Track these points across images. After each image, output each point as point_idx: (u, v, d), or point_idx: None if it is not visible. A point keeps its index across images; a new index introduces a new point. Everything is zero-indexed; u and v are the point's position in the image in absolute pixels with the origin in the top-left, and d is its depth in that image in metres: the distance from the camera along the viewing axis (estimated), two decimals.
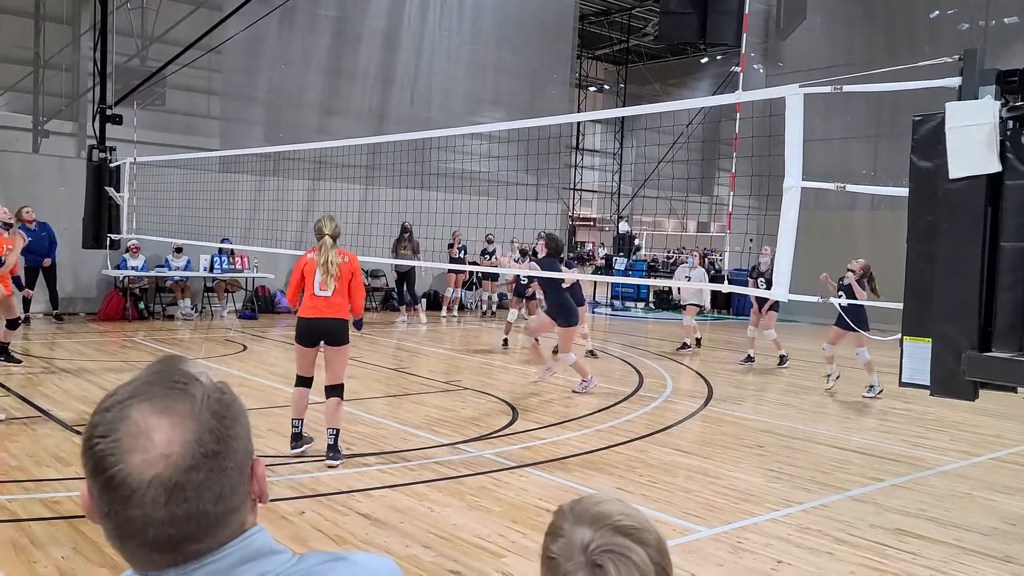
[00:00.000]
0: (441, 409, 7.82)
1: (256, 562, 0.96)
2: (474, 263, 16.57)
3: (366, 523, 4.62)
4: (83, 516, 4.39)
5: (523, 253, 14.21)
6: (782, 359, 11.60)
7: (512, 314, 13.16)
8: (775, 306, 11.49)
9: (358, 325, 6.32)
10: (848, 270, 9.66)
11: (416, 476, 5.59)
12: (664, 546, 1.13)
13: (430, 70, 18.20)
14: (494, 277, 17.33)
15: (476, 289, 18.18)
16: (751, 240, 15.55)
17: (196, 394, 0.94)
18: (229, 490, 0.94)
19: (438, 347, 12.63)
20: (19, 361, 8.93)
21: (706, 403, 8.74)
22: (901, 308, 3.32)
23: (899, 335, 3.31)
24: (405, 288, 15.41)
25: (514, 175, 16.20)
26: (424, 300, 17.81)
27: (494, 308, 17.47)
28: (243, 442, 0.97)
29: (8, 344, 8.82)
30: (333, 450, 5.74)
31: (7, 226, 8.30)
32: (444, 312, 16.79)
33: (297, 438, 5.93)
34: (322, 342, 5.86)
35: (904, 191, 3.36)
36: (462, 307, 17.69)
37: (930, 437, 7.54)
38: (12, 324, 8.68)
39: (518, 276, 12.96)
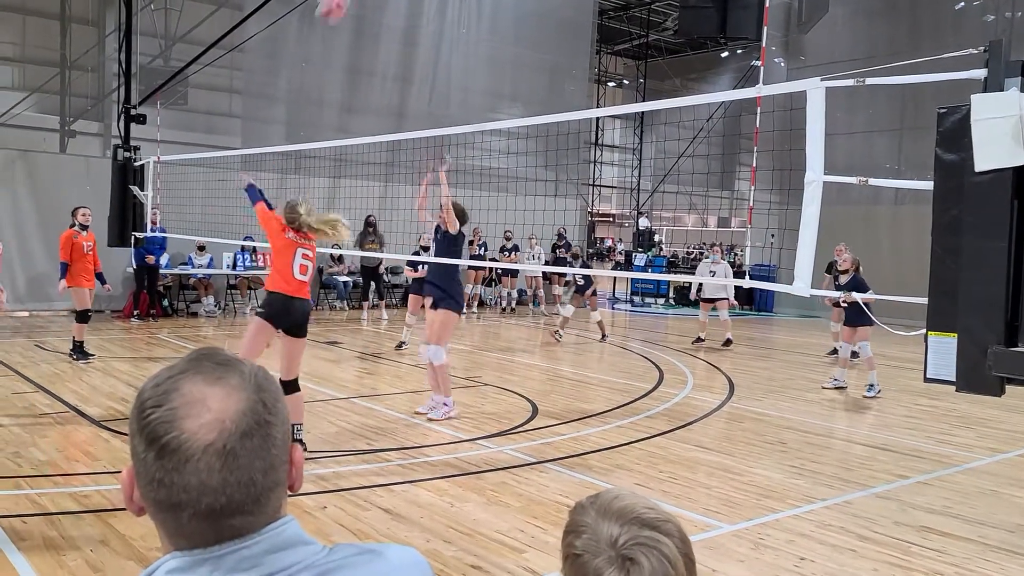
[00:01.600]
0: (461, 405, 7.84)
1: (289, 551, 0.97)
2: (493, 259, 16.61)
3: (387, 518, 4.65)
4: (112, 510, 4.46)
5: (575, 256, 14.18)
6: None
7: (569, 310, 13.02)
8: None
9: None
10: (841, 270, 9.57)
11: (436, 471, 5.62)
12: (686, 536, 1.14)
13: (448, 67, 18.23)
14: (513, 273, 17.35)
15: (496, 285, 18.21)
16: (772, 235, 15.43)
17: (244, 369, 0.98)
18: (276, 463, 0.96)
19: (457, 343, 12.66)
20: (93, 355, 9.41)
21: (727, 399, 8.70)
22: (926, 303, 3.29)
23: (924, 330, 3.28)
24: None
25: (533, 171, 16.20)
26: None
27: (513, 304, 17.49)
28: (286, 422, 1.00)
29: (83, 342, 9.30)
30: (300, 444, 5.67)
31: (84, 227, 9.37)
32: (464, 308, 16.81)
33: None
34: (281, 331, 5.65)
35: (928, 185, 3.32)
36: (482, 303, 17.72)
37: (956, 433, 7.46)
38: (82, 317, 9.22)
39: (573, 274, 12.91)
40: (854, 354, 11.05)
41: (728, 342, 12.69)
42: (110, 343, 10.99)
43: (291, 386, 5.64)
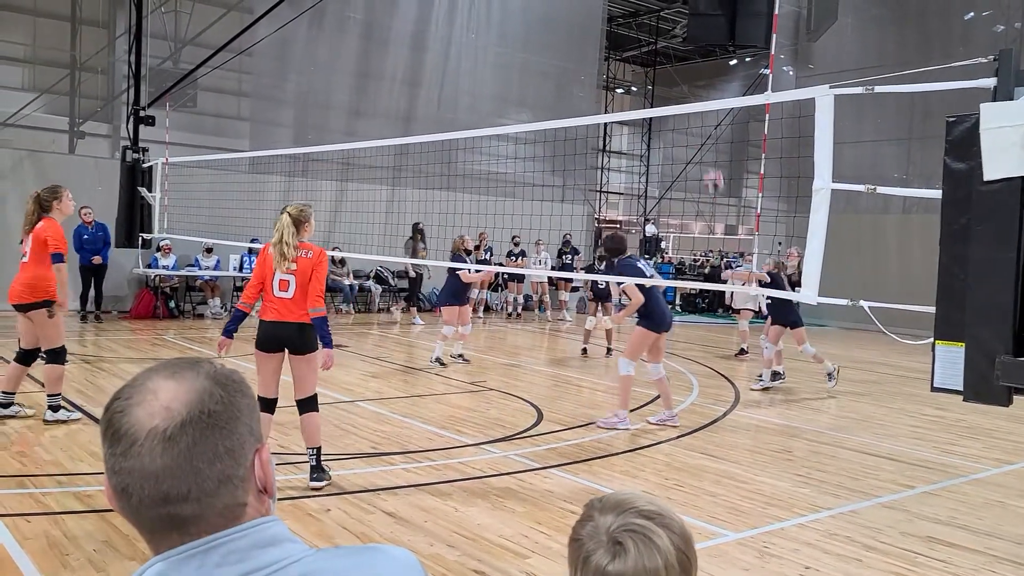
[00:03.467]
0: (466, 410, 7.83)
1: (276, 547, 0.97)
2: (499, 264, 16.61)
3: (391, 521, 4.65)
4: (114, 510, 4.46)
5: (600, 259, 14.01)
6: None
7: (590, 321, 12.65)
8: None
9: (326, 342, 5.20)
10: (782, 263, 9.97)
11: (441, 476, 5.61)
12: (689, 537, 1.14)
13: (457, 72, 18.27)
14: (519, 279, 17.35)
15: (502, 291, 18.21)
16: (780, 243, 15.41)
17: (204, 367, 1.01)
18: (225, 455, 0.96)
19: (463, 348, 12.64)
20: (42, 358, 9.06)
21: (733, 407, 8.67)
22: (933, 312, 3.27)
23: (931, 339, 3.27)
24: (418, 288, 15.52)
25: (540, 177, 16.21)
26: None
27: (519, 310, 17.49)
28: (246, 417, 1.00)
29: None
30: (316, 471, 5.19)
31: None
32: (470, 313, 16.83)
33: None
34: (286, 351, 5.20)
35: (937, 193, 3.31)
36: (488, 308, 17.72)
37: (963, 444, 7.42)
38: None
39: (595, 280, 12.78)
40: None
41: (742, 352, 12.66)
42: (116, 344, 11.01)
43: (305, 405, 5.26)
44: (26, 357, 6.60)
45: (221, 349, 5.26)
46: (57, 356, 6.48)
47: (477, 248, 16.16)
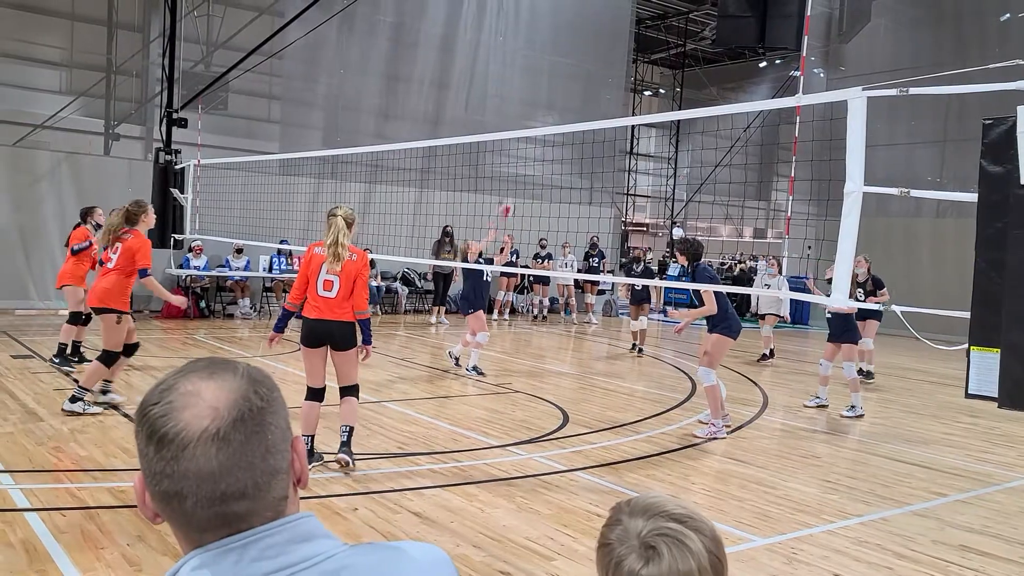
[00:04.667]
0: (491, 411, 7.85)
1: (311, 542, 0.99)
2: (526, 267, 16.62)
3: (417, 521, 4.67)
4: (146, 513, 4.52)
5: (636, 260, 13.89)
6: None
7: (635, 324, 12.73)
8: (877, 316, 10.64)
9: (366, 339, 5.61)
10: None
11: (466, 477, 5.63)
12: (720, 540, 1.14)
13: (485, 75, 18.32)
14: (545, 281, 17.35)
15: (527, 293, 18.22)
16: (810, 246, 15.25)
17: (238, 366, 1.02)
18: (272, 449, 0.99)
19: (488, 350, 12.68)
20: (89, 360, 9.18)
21: (761, 412, 8.60)
22: (968, 317, 3.23)
23: (966, 345, 3.22)
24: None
25: (567, 180, 16.20)
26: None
27: (545, 312, 17.48)
28: (283, 412, 1.03)
29: (67, 345, 8.94)
30: (346, 447, 5.58)
31: (99, 227, 8.76)
32: (496, 315, 16.87)
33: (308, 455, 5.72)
34: (328, 346, 5.57)
35: (972, 197, 3.27)
36: (513, 311, 17.74)
37: (997, 452, 7.29)
38: (74, 319, 8.87)
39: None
40: (868, 374, 10.77)
41: (764, 357, 12.54)
42: (148, 343, 11.18)
43: (347, 391, 5.67)
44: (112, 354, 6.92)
45: (271, 344, 5.74)
46: (108, 359, 6.77)
47: (502, 251, 16.17)
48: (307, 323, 5.53)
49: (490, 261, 10.64)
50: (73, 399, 6.69)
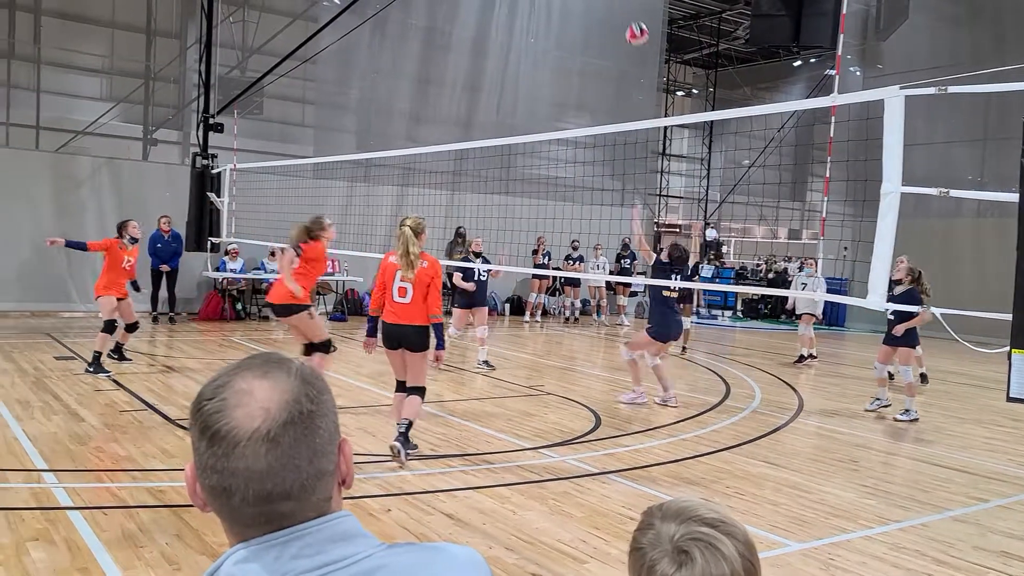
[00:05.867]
0: (524, 414, 7.85)
1: (349, 541, 1.01)
2: (557, 269, 16.60)
3: (450, 523, 4.69)
4: (187, 506, 4.60)
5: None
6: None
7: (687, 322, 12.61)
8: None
9: (439, 344, 6.02)
10: (894, 279, 8.34)
11: (499, 479, 5.64)
12: (753, 544, 1.13)
13: (516, 76, 18.34)
14: (576, 283, 17.31)
15: (559, 295, 18.20)
16: (845, 248, 15.04)
17: (291, 366, 1.04)
18: (321, 451, 1.01)
19: (520, 352, 12.69)
20: (130, 360, 9.42)
21: (796, 415, 8.50)
22: (1010, 319, 3.16)
23: (1007, 348, 3.16)
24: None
25: (599, 181, 16.15)
26: (508, 305, 18.01)
27: (576, 314, 17.45)
28: (332, 414, 1.04)
29: (123, 345, 9.39)
30: (402, 438, 5.79)
31: (135, 240, 9.17)
32: (527, 317, 16.88)
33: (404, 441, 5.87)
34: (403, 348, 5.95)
35: (1013, 197, 3.20)
36: (545, 313, 17.73)
37: None
38: (131, 327, 9.30)
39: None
40: (923, 377, 10.57)
41: (802, 358, 12.39)
42: (186, 345, 11.36)
43: (412, 390, 5.98)
44: (309, 349, 7.30)
45: (367, 349, 6.16)
46: (325, 346, 7.33)
47: (536, 252, 16.19)
48: (385, 327, 5.95)
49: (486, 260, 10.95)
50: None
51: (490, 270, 10.93)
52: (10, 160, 13.43)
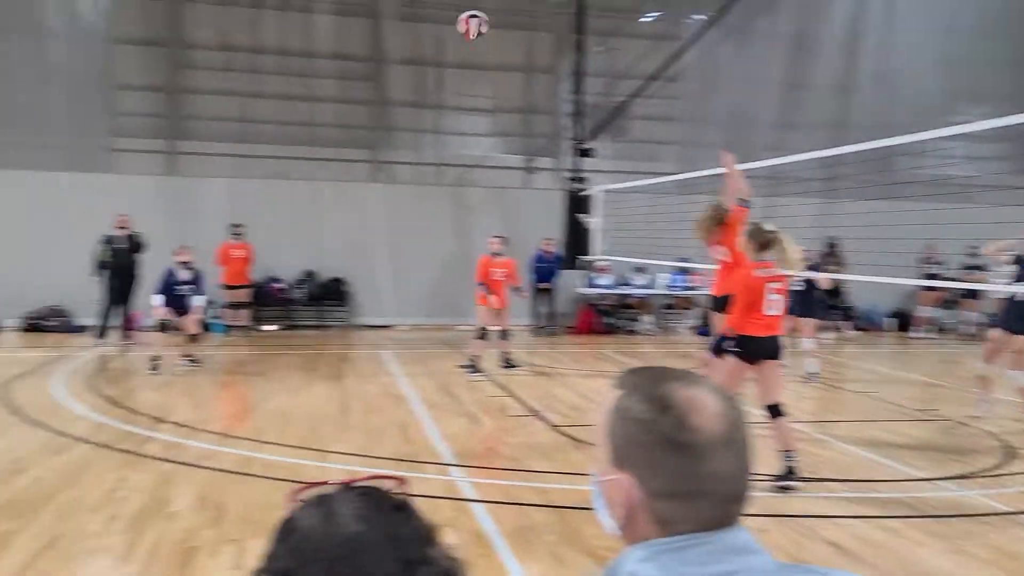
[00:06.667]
0: (915, 439, 7.11)
1: (746, 555, 1.02)
2: (952, 279, 14.75)
3: (831, 551, 4.42)
4: (569, 507, 4.92)
5: None
6: None
7: None
8: None
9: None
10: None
11: (888, 510, 5.17)
12: None
13: (894, 70, 16.78)
14: (975, 295, 15.20)
15: (954, 308, 16.16)
16: None
17: (698, 378, 1.10)
18: (753, 454, 1.08)
19: (908, 371, 11.51)
20: (517, 366, 10.44)
21: None
22: None
23: None
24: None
25: (1001, 178, 14.09)
26: (894, 320, 16.53)
27: (973, 330, 15.32)
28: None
29: (509, 354, 10.44)
30: (788, 470, 5.48)
31: (496, 254, 10.38)
32: (911, 333, 15.29)
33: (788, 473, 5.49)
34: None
35: None
36: (941, 329, 15.88)
37: None
38: (479, 334, 10.20)
39: None
40: None
41: None
42: (563, 356, 12.18)
43: (774, 410, 5.59)
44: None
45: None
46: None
47: (927, 261, 14.66)
48: (755, 341, 5.61)
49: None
50: None
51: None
52: (416, 193, 15.63)
